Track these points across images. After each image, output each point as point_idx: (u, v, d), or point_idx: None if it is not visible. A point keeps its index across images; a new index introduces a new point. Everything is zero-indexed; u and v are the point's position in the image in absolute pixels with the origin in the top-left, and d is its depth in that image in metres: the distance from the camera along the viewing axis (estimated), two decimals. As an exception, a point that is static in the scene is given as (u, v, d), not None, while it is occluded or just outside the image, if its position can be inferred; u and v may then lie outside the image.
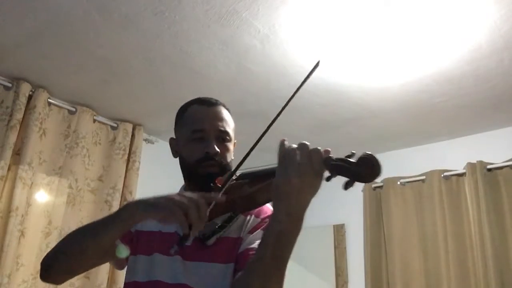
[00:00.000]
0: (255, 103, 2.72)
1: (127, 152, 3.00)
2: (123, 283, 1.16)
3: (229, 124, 1.18)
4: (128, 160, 3.00)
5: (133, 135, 3.06)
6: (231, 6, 1.92)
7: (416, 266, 2.96)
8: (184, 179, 1.21)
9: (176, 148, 1.20)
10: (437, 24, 1.98)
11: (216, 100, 1.20)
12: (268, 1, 1.88)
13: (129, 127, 3.04)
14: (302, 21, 2.00)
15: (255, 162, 1.18)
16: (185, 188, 1.23)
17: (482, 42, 2.09)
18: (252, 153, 1.20)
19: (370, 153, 0.78)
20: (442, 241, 2.88)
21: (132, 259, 1.14)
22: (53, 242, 2.56)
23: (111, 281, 2.74)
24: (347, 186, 0.78)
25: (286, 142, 0.87)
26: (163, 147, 3.32)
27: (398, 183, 3.19)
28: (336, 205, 3.15)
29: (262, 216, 1.11)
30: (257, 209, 1.13)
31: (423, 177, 3.07)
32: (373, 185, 3.28)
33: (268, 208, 1.14)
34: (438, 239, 2.90)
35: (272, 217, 0.86)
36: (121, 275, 2.75)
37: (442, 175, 2.99)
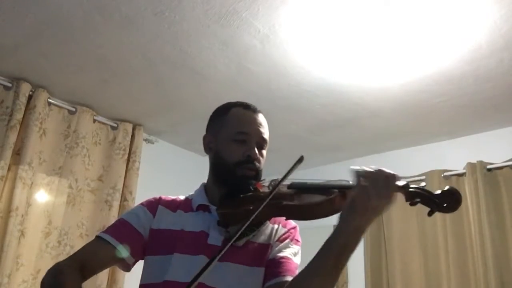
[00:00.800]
0: (255, 103, 2.70)
1: (127, 152, 3.00)
2: (138, 285, 1.13)
3: (268, 134, 1.22)
4: (128, 160, 3.00)
5: (133, 135, 3.06)
6: (231, 6, 1.92)
7: (416, 266, 2.95)
8: (214, 177, 1.20)
9: (211, 145, 1.21)
10: (437, 24, 1.98)
11: (259, 108, 1.25)
12: (268, 1, 1.88)
13: (129, 127, 3.04)
14: (302, 21, 2.00)
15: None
16: (207, 186, 1.23)
17: (482, 42, 2.08)
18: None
19: (452, 187, 0.90)
20: (442, 241, 2.87)
21: (150, 259, 1.12)
22: (53, 242, 2.57)
23: (111, 281, 2.74)
24: (430, 214, 0.91)
25: (356, 167, 0.95)
26: (163, 147, 3.35)
27: (398, 183, 3.18)
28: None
29: (288, 227, 1.16)
30: (283, 220, 1.17)
31: (423, 177, 3.06)
32: (373, 185, 3.28)
33: (291, 220, 1.19)
34: (438, 239, 2.90)
35: (339, 229, 0.93)
36: (121, 275, 2.75)
37: (442, 175, 2.99)
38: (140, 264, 1.20)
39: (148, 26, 2.07)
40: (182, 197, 1.24)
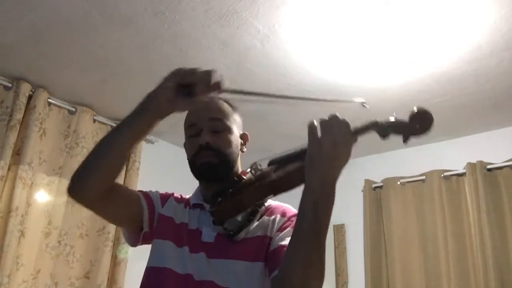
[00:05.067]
0: (255, 103, 2.71)
1: (127, 152, 3.00)
2: (145, 266, 1.12)
3: (225, 114, 1.17)
4: (128, 160, 3.00)
5: (133, 135, 3.06)
6: (231, 6, 1.92)
7: (416, 266, 2.96)
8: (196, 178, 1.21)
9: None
10: (437, 24, 1.98)
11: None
12: (268, 1, 1.88)
13: (129, 127, 3.04)
14: (302, 21, 2.00)
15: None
16: (199, 189, 1.23)
17: (482, 42, 2.09)
18: (252, 154, 1.21)
19: (419, 106, 0.83)
20: (442, 241, 2.88)
21: (159, 243, 1.12)
22: (53, 242, 2.57)
23: (111, 281, 2.74)
24: (405, 140, 0.86)
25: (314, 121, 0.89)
26: (163, 147, 3.35)
27: (398, 183, 3.19)
28: (336, 205, 3.13)
29: (288, 215, 1.11)
30: (281, 209, 1.13)
31: (423, 177, 3.07)
32: (373, 185, 3.28)
33: (291, 208, 1.15)
34: (438, 239, 2.90)
35: (305, 189, 0.86)
36: (121, 275, 2.74)
37: (442, 175, 2.99)
38: (140, 266, 1.20)
39: (148, 26, 2.07)
40: (187, 196, 1.26)
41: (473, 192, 2.80)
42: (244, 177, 1.10)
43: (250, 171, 1.07)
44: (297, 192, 0.91)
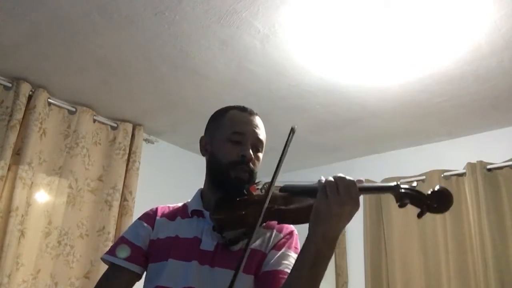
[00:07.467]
0: (255, 103, 2.71)
1: (127, 152, 3.00)
2: None
3: (265, 136, 1.22)
4: (128, 160, 3.00)
5: (133, 135, 3.06)
6: (231, 6, 1.92)
7: (416, 266, 2.95)
8: (209, 180, 1.20)
9: (207, 146, 1.22)
10: (437, 24, 1.98)
11: (256, 111, 1.24)
12: (268, 1, 1.88)
13: (129, 127, 3.04)
14: (302, 21, 2.00)
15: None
16: (203, 191, 1.23)
17: (482, 42, 2.09)
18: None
19: (443, 187, 0.87)
20: (442, 241, 2.87)
21: (149, 268, 1.14)
22: (53, 242, 2.57)
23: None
24: (420, 215, 0.86)
25: (322, 177, 0.94)
26: (163, 147, 3.35)
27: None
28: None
29: (284, 233, 1.14)
30: (279, 225, 1.15)
31: (423, 177, 3.07)
32: (373, 185, 3.27)
33: (288, 225, 1.17)
34: (438, 239, 2.90)
35: (308, 238, 0.92)
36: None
37: (442, 175, 2.99)
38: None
39: (148, 26, 2.07)
40: (180, 204, 1.25)
41: (473, 192, 2.79)
42: (254, 193, 1.11)
43: (261, 189, 1.10)
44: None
